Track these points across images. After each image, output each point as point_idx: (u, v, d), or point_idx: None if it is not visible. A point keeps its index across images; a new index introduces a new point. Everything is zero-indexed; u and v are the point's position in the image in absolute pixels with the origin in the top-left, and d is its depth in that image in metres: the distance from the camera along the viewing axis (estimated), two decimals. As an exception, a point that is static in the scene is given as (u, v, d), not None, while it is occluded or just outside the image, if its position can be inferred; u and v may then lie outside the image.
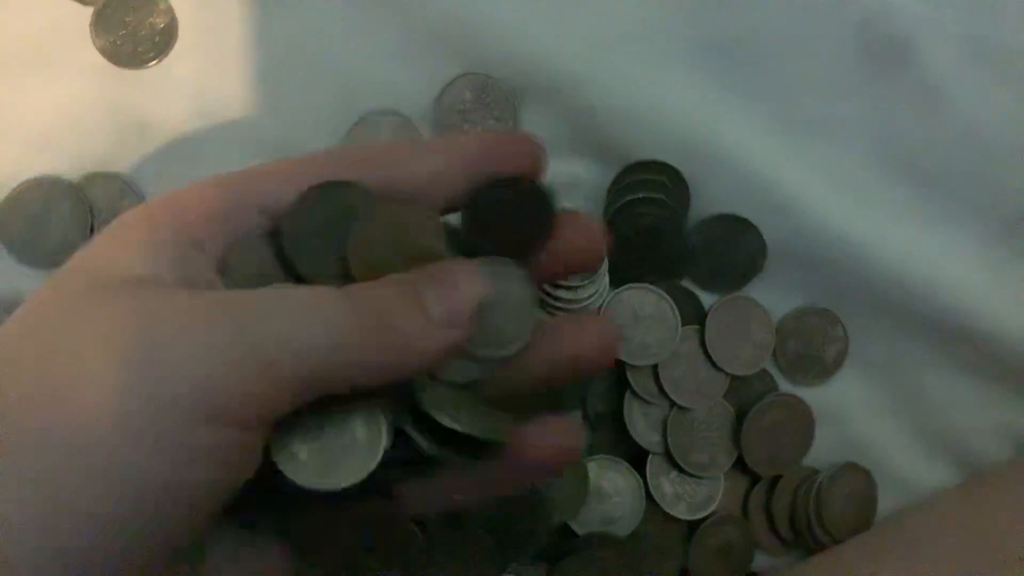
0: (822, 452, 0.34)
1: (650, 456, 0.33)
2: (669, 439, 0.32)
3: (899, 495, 0.34)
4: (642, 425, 0.33)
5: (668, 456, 0.32)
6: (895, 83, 0.34)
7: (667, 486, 0.33)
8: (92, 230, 0.32)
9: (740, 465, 0.33)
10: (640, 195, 0.33)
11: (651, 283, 0.33)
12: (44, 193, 0.32)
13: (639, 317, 0.33)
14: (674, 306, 0.33)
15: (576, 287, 0.32)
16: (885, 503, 0.34)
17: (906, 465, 0.35)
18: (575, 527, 0.32)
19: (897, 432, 0.35)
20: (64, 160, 0.32)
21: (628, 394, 0.33)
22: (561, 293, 0.32)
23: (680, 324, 0.32)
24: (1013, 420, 0.35)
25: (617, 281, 0.33)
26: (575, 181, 0.33)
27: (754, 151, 0.33)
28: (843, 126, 0.34)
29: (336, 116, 0.33)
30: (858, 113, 0.34)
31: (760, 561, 0.34)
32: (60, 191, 0.32)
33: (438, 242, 0.21)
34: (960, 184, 0.34)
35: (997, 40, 0.33)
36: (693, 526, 0.33)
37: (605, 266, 0.32)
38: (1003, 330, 0.33)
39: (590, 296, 0.32)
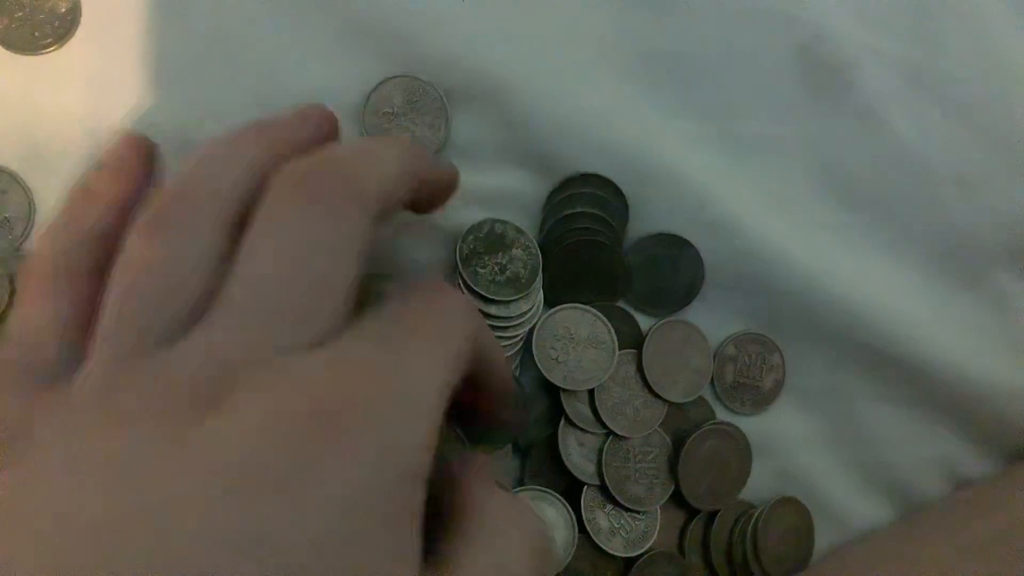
0: (757, 484, 0.33)
1: (585, 488, 0.31)
2: (604, 470, 0.30)
3: (833, 529, 0.33)
4: (577, 455, 0.31)
5: (603, 488, 0.30)
6: (835, 106, 0.33)
7: (602, 520, 0.30)
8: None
9: (676, 498, 0.31)
10: (578, 209, 0.31)
11: (587, 302, 0.31)
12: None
13: (574, 339, 0.31)
14: (611, 328, 0.31)
15: (508, 302, 0.30)
16: (819, 538, 0.33)
17: (841, 498, 0.34)
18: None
19: (833, 465, 0.34)
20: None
21: (563, 422, 0.31)
22: (492, 310, 0.30)
23: (617, 347, 0.31)
24: (948, 454, 0.34)
25: (552, 300, 0.31)
26: (510, 192, 0.31)
27: (694, 168, 0.32)
28: (783, 147, 0.33)
29: (256, 110, 0.30)
30: (798, 135, 0.33)
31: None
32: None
33: None
34: (900, 210, 0.33)
35: (936, 67, 0.33)
36: (628, 563, 0.31)
37: (539, 282, 0.31)
38: (941, 363, 0.33)
39: (523, 313, 0.30)
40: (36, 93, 0.30)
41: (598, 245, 0.31)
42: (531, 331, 0.31)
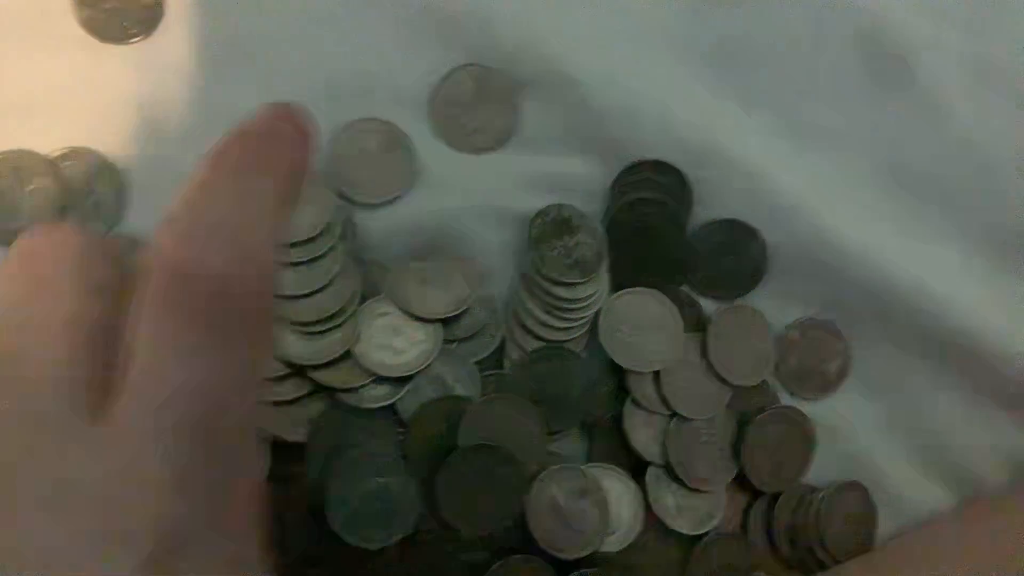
0: (819, 469, 0.33)
1: (649, 467, 0.31)
2: (669, 450, 0.31)
3: (894, 514, 0.33)
4: (643, 435, 0.31)
5: (668, 468, 0.31)
6: (898, 96, 0.33)
7: (668, 498, 0.31)
8: (64, 209, 0.30)
9: (740, 480, 0.32)
10: (643, 195, 0.32)
11: (651, 286, 0.32)
12: (16, 167, 0.30)
13: (640, 322, 0.31)
14: (676, 311, 0.31)
15: (575, 284, 0.31)
16: (880, 523, 0.33)
17: (902, 484, 0.33)
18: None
19: (895, 451, 0.34)
20: (40, 135, 0.30)
21: (629, 403, 0.31)
22: (559, 291, 0.31)
23: (682, 329, 0.31)
24: (1010, 443, 0.34)
25: (617, 284, 0.32)
26: (577, 178, 0.32)
27: (758, 156, 0.32)
28: (846, 136, 0.33)
29: (328, 103, 0.31)
30: (862, 123, 0.33)
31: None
32: (33, 166, 0.30)
33: None
34: (963, 200, 0.33)
35: (997, 58, 0.33)
36: (692, 541, 0.31)
37: (605, 265, 0.31)
38: (1004, 351, 0.33)
39: (589, 296, 0.31)
40: (124, 81, 0.31)
41: (663, 230, 0.32)
42: (597, 314, 0.31)
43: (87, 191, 0.30)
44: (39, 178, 0.30)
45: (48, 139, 0.30)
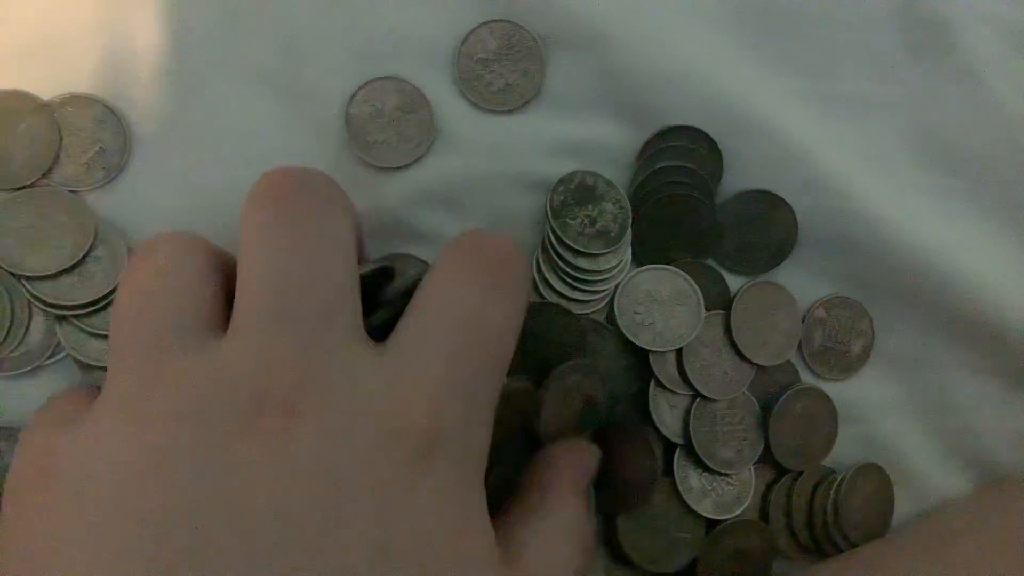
0: (841, 449, 0.32)
1: (678, 449, 0.30)
2: (693, 434, 0.30)
3: (914, 497, 0.33)
4: (669, 417, 0.30)
5: (691, 451, 0.30)
6: (935, 67, 0.32)
7: (695, 480, 0.30)
8: (59, 155, 0.28)
9: (761, 460, 0.31)
10: (671, 163, 0.30)
11: (675, 260, 0.31)
12: (10, 107, 0.28)
13: (657, 299, 0.30)
14: (694, 284, 0.30)
15: (597, 256, 0.29)
16: (900, 505, 0.32)
17: (924, 467, 0.33)
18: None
19: (917, 433, 0.33)
20: (41, 78, 0.28)
21: (653, 384, 0.30)
22: (581, 263, 0.29)
23: (703, 307, 0.30)
24: (1034, 428, 0.33)
25: (641, 256, 0.31)
26: (603, 143, 0.31)
27: (791, 124, 0.31)
28: (882, 106, 0.32)
29: (350, 58, 0.30)
30: (897, 94, 0.32)
31: (777, 567, 0.32)
32: (28, 108, 0.28)
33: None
34: (998, 176, 0.32)
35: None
36: (712, 523, 0.30)
37: (628, 236, 0.30)
38: None
39: (612, 267, 0.30)
40: (134, 28, 0.29)
41: (690, 201, 0.30)
42: (614, 292, 0.30)
43: (92, 139, 0.28)
44: (31, 118, 0.28)
45: (49, 83, 0.28)
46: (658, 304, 0.30)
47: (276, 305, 0.21)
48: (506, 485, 0.26)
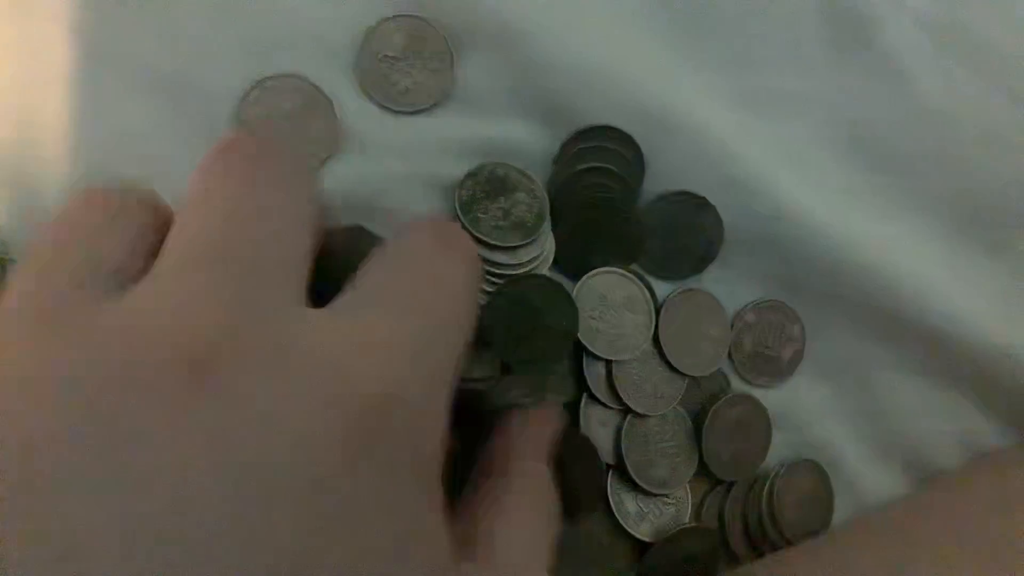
0: (775, 456, 0.31)
1: (611, 472, 0.28)
2: (625, 455, 0.28)
3: (851, 500, 0.32)
4: (600, 435, 0.29)
5: (624, 473, 0.28)
6: (858, 62, 0.31)
7: (630, 503, 0.28)
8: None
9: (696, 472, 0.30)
10: (590, 164, 0.29)
11: (597, 266, 0.29)
12: None
13: (609, 303, 0.29)
14: (646, 291, 0.29)
15: (515, 248, 0.28)
16: (837, 509, 0.31)
17: (859, 469, 0.32)
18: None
19: (851, 436, 0.32)
20: None
21: (585, 398, 0.29)
22: (499, 257, 0.28)
23: (654, 313, 0.29)
24: (968, 427, 0.33)
25: (561, 263, 0.29)
26: (518, 144, 0.29)
27: (714, 123, 0.30)
28: (806, 103, 0.31)
29: (244, 52, 0.27)
30: (821, 90, 0.31)
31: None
32: None
33: None
34: (924, 171, 0.32)
35: (964, 28, 0.32)
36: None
37: (547, 226, 0.28)
38: (962, 332, 0.31)
39: (533, 259, 0.28)
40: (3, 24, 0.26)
41: (611, 204, 0.29)
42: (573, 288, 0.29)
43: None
44: None
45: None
46: (609, 307, 0.29)
47: (208, 250, 0.18)
48: (462, 462, 0.24)
